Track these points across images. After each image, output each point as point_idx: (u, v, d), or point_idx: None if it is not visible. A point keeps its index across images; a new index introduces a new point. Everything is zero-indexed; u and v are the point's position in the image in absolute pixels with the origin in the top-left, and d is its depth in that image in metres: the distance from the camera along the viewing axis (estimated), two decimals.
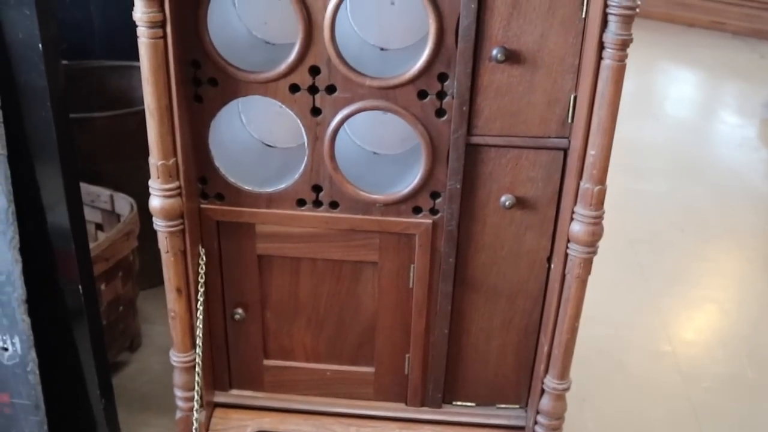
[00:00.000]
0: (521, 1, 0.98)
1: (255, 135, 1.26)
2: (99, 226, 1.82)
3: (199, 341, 1.18)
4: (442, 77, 1.03)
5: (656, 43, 4.65)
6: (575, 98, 1.02)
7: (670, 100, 3.89)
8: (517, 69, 1.02)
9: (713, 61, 4.63)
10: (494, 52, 1.00)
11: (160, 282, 1.15)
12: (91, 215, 1.78)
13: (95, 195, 1.75)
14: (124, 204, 1.70)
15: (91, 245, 1.45)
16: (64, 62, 2.26)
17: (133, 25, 0.97)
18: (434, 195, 1.11)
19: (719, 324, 2.03)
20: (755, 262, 2.32)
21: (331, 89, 1.05)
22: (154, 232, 1.10)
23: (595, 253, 1.07)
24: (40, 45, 1.03)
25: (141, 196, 1.71)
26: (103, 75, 2.23)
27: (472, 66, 1.01)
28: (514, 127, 1.06)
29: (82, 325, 1.28)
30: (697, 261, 2.30)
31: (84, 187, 1.72)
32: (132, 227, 1.59)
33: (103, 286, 1.52)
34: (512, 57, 1.01)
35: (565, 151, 1.07)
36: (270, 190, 1.12)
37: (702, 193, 2.71)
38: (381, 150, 1.26)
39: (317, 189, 1.12)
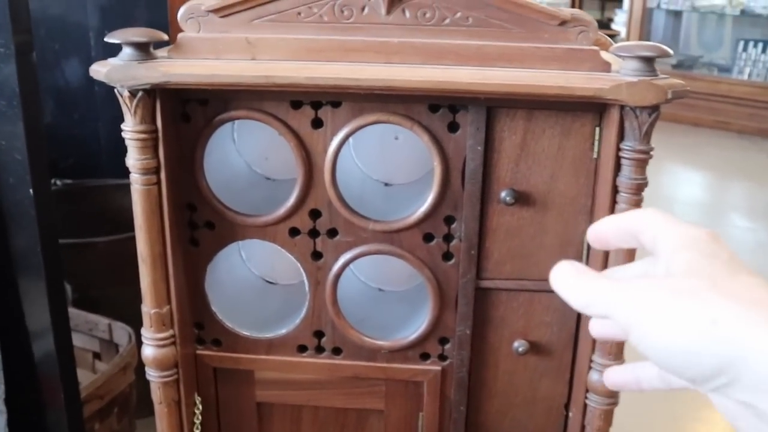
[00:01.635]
0: (529, 142, 0.94)
1: (255, 272, 1.21)
2: (97, 355, 1.76)
3: None
4: (449, 220, 0.99)
5: (661, 143, 4.64)
6: None
7: (679, 203, 3.86)
8: (527, 211, 0.97)
9: (720, 161, 4.62)
10: (503, 194, 0.96)
11: None
12: (89, 344, 1.73)
13: (93, 324, 1.70)
14: (122, 334, 1.64)
15: (86, 382, 1.39)
16: (68, 181, 2.26)
17: None
18: (443, 341, 1.05)
19: None
20: None
21: (332, 233, 1.00)
22: None
23: (616, 403, 1.00)
24: (30, 191, 0.99)
25: (139, 323, 1.66)
26: (108, 193, 2.21)
27: (480, 208, 0.97)
28: (525, 270, 1.00)
29: None
30: None
31: (82, 315, 1.68)
32: (129, 360, 1.53)
33: (97, 425, 1.45)
34: (522, 199, 0.97)
35: None
36: (270, 335, 1.07)
37: None
38: (387, 287, 1.21)
39: (319, 335, 1.06)
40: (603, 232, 0.56)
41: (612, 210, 0.92)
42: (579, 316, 1.02)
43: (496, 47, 0.87)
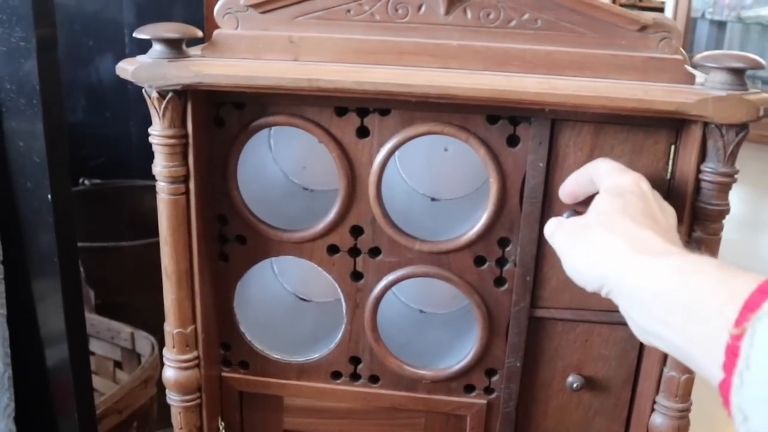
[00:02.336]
0: (596, 158, 0.85)
1: (288, 287, 1.13)
2: (118, 364, 1.69)
3: None
4: (503, 242, 0.90)
5: None
6: None
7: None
8: None
9: (761, 174, 4.49)
10: (564, 215, 0.85)
11: None
12: (110, 352, 1.66)
13: (116, 331, 1.63)
14: (145, 343, 1.57)
15: (105, 392, 1.32)
16: (96, 181, 2.20)
17: None
18: (490, 372, 0.96)
19: None
20: None
21: (374, 252, 0.92)
22: None
23: None
24: (49, 196, 0.92)
25: (163, 333, 1.59)
26: (137, 195, 2.15)
27: (538, 231, 0.88)
28: (585, 299, 0.91)
29: None
30: None
31: (105, 322, 1.61)
32: (151, 373, 1.46)
33: None
34: None
35: None
36: (301, 359, 0.98)
37: None
38: (429, 308, 1.12)
39: (355, 361, 0.97)
40: (569, 187, 0.79)
41: (688, 236, 0.82)
42: (641, 351, 0.93)
43: (567, 53, 0.78)
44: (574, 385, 0.94)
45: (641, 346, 0.93)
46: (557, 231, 0.71)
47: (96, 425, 1.17)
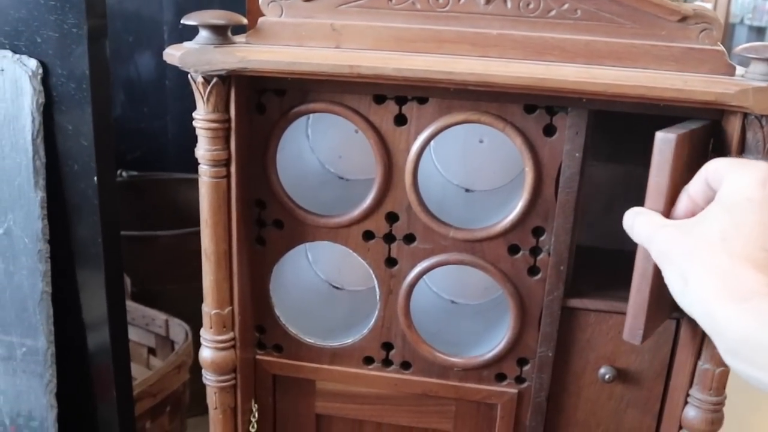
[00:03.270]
0: None
1: (322, 275, 1.15)
2: (152, 351, 1.72)
3: None
4: (538, 231, 0.91)
5: None
6: None
7: None
8: None
9: None
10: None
11: None
12: (144, 339, 1.69)
13: (150, 318, 1.65)
14: (179, 330, 1.60)
15: (139, 378, 1.35)
16: (134, 173, 2.24)
17: None
18: (522, 362, 0.97)
19: None
20: None
21: (409, 239, 0.93)
22: None
23: None
24: (95, 178, 0.94)
25: (197, 320, 1.62)
26: (173, 187, 2.19)
27: (573, 220, 0.88)
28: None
29: None
30: None
31: (140, 309, 1.64)
32: (184, 359, 1.48)
33: (148, 424, 1.40)
34: None
35: (678, 320, 0.92)
36: (334, 344, 1.00)
37: None
38: (460, 299, 1.13)
39: (388, 347, 0.99)
40: (682, 208, 0.69)
41: None
42: (675, 343, 0.93)
43: (606, 43, 0.79)
44: (606, 377, 0.95)
45: (675, 338, 0.93)
46: (657, 232, 0.65)
47: (133, 408, 1.19)
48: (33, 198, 0.94)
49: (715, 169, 0.65)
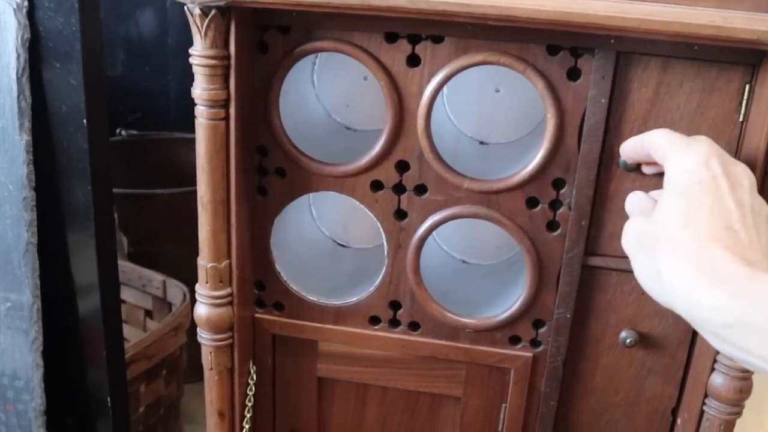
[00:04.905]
0: (662, 97, 0.79)
1: (326, 232, 1.09)
2: (148, 313, 1.67)
3: None
4: (558, 184, 0.84)
5: None
6: None
7: None
8: (652, 179, 0.82)
9: None
10: (623, 158, 0.81)
11: None
12: (141, 301, 1.63)
13: (147, 279, 1.60)
14: (176, 292, 1.54)
15: (134, 341, 1.29)
16: (134, 132, 2.18)
17: None
18: (537, 324, 0.91)
19: None
20: None
21: (420, 189, 0.87)
22: None
23: (739, 414, 0.85)
24: (84, 121, 0.88)
25: (196, 282, 1.57)
26: (176, 147, 2.13)
27: (596, 172, 0.82)
28: None
29: (107, 429, 1.11)
30: None
31: (136, 270, 1.58)
32: (182, 321, 1.43)
33: (142, 388, 1.35)
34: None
35: None
36: (339, 303, 0.94)
37: None
38: (472, 259, 1.07)
39: (395, 306, 0.93)
40: (628, 151, 0.73)
41: (761, 182, 0.76)
42: None
43: None
44: (627, 341, 0.89)
45: None
46: (627, 231, 0.65)
47: (125, 372, 1.14)
48: (17, 141, 0.88)
49: (656, 145, 0.67)
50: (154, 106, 2.40)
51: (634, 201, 0.72)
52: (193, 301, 1.33)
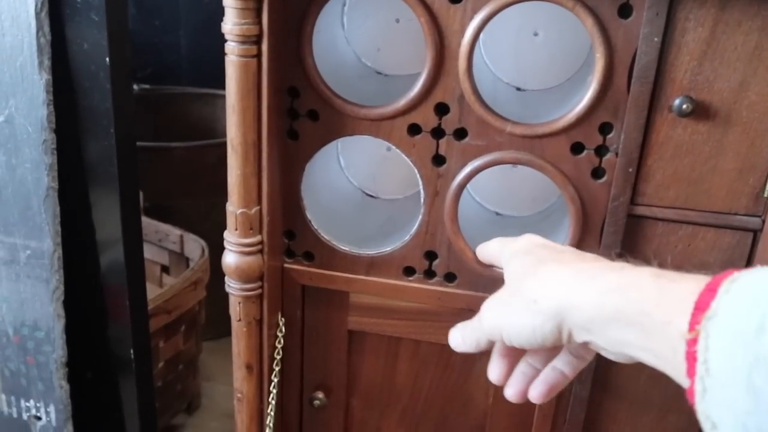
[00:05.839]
0: (719, 37, 0.75)
1: (354, 182, 1.05)
2: (165, 269, 1.64)
3: (269, 431, 0.96)
4: (605, 128, 0.80)
5: None
6: None
7: None
8: (704, 125, 0.78)
9: None
10: (677, 101, 0.77)
11: (226, 332, 0.94)
12: (158, 256, 1.60)
13: (164, 234, 1.56)
14: (194, 246, 1.51)
15: (153, 294, 1.26)
16: (146, 86, 2.13)
17: (223, 52, 0.77)
18: None
19: None
20: None
21: (460, 134, 0.83)
22: (224, 276, 0.88)
23: None
24: (107, 59, 0.84)
25: (214, 238, 1.53)
26: (187, 102, 2.08)
27: (646, 116, 0.78)
28: (692, 198, 0.82)
29: (130, 386, 1.08)
30: None
31: (153, 224, 1.55)
32: (201, 275, 1.39)
33: (161, 343, 1.32)
34: (699, 109, 0.78)
35: (756, 233, 0.82)
36: (372, 253, 0.91)
37: None
38: (506, 211, 1.03)
39: (431, 256, 0.90)
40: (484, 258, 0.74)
41: None
42: (750, 257, 0.84)
43: None
44: None
45: (750, 254, 0.84)
46: (483, 313, 0.60)
47: (148, 328, 1.11)
48: (37, 81, 0.84)
49: (492, 248, 0.71)
50: (165, 62, 2.35)
51: (460, 335, 0.65)
52: (212, 255, 1.30)
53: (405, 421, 1.02)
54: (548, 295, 0.53)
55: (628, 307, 0.48)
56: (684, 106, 0.77)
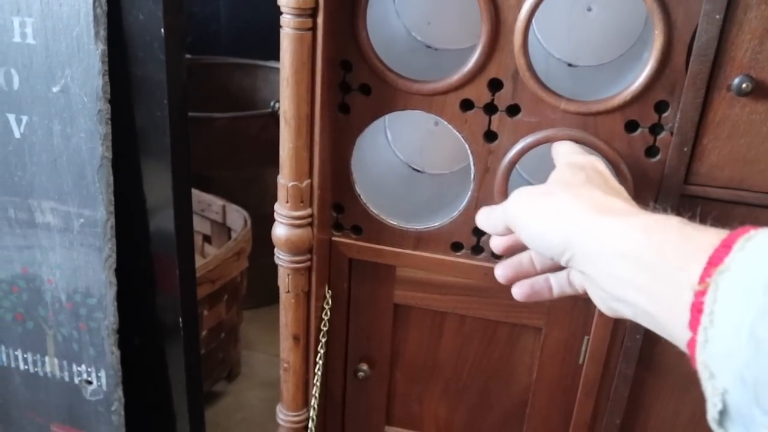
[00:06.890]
0: None
1: (401, 156, 1.05)
2: (207, 238, 1.65)
3: (314, 401, 0.97)
4: (661, 107, 0.80)
5: None
6: None
7: None
8: (763, 104, 0.77)
9: None
10: (736, 80, 0.76)
11: (265, 302, 0.95)
12: (200, 225, 1.61)
13: (206, 204, 1.58)
14: (236, 217, 1.52)
15: (197, 264, 1.28)
16: (187, 56, 2.14)
17: (262, 22, 0.77)
18: None
19: None
20: None
21: (513, 110, 0.83)
22: (263, 246, 0.89)
23: None
24: (162, 30, 0.84)
25: (255, 209, 1.54)
26: (227, 72, 2.08)
27: (704, 95, 0.77)
28: (747, 179, 0.81)
29: (178, 352, 1.10)
30: None
31: (196, 194, 1.56)
32: (243, 246, 1.41)
33: (205, 312, 1.34)
34: (759, 89, 0.76)
35: None
36: (420, 228, 0.91)
37: None
38: None
39: (479, 232, 0.90)
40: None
41: None
42: None
43: None
44: None
45: None
46: (511, 200, 0.62)
47: (196, 296, 1.12)
48: (93, 51, 0.85)
49: (561, 150, 0.74)
50: (204, 32, 2.35)
51: (485, 217, 0.67)
52: (253, 226, 1.31)
53: (447, 395, 1.02)
54: (574, 213, 0.55)
55: (648, 247, 0.49)
56: (744, 86, 0.76)
